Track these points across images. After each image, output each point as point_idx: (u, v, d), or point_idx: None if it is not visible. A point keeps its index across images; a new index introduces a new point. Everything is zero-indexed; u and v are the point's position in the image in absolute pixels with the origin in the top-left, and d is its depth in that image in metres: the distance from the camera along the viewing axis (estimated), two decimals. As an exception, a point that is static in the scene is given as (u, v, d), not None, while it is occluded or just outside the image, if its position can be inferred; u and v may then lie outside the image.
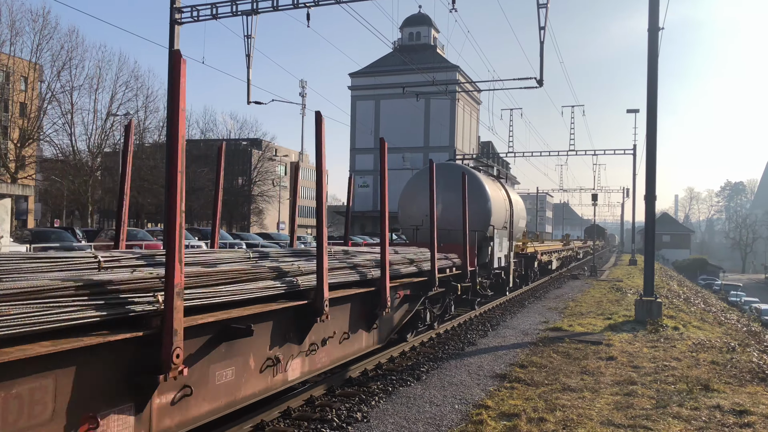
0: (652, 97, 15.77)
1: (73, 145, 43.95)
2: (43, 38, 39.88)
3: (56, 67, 40.91)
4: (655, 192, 16.01)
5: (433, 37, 74.29)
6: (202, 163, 57.41)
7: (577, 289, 24.56)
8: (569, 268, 39.37)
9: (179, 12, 20.45)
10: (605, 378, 8.86)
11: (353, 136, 71.34)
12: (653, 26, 15.75)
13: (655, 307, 15.00)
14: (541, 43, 20.36)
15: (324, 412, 6.83)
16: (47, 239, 24.12)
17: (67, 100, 42.37)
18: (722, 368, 9.71)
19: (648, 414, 7.09)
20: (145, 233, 29.22)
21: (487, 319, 15.04)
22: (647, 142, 16.22)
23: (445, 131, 68.57)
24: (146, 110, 49.10)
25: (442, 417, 6.95)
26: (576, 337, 12.34)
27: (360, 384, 8.16)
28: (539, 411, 7.05)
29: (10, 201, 22.18)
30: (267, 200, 66.97)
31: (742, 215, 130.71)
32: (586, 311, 17.11)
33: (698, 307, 24.65)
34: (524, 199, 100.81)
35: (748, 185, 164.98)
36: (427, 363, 9.65)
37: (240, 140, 70.98)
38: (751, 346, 12.64)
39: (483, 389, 8.19)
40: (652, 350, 11.16)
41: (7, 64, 38.89)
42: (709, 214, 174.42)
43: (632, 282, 29.38)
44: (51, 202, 55.56)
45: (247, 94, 21.75)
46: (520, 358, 10.26)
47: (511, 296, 19.79)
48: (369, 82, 70.20)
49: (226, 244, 29.42)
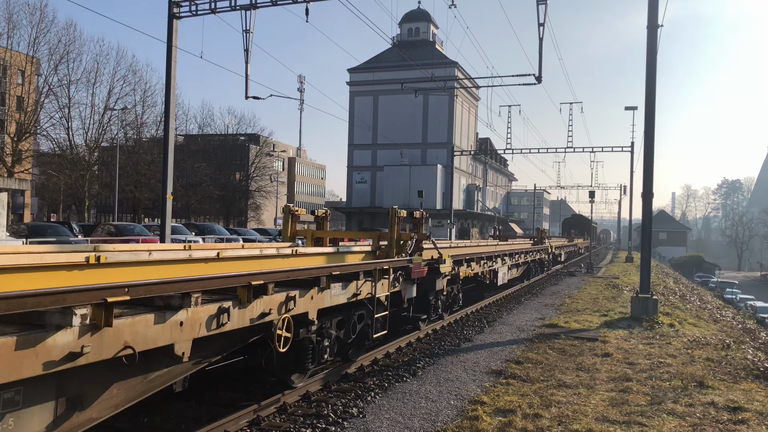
0: (651, 94, 15.79)
1: (70, 139, 43.83)
2: (40, 32, 39.74)
3: (53, 60, 40.77)
4: (653, 189, 16.04)
5: (432, 33, 74.17)
6: (199, 159, 57.33)
7: (574, 286, 24.62)
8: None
9: (177, 6, 20.38)
10: (601, 374, 8.89)
11: (351, 131, 71.29)
12: (652, 23, 15.76)
13: (651, 304, 15.05)
14: (540, 39, 20.37)
15: (320, 407, 6.85)
16: (44, 234, 24.05)
17: (64, 94, 42.26)
18: (717, 365, 9.75)
19: (643, 410, 7.12)
20: (142, 228, 29.18)
21: (484, 315, 15.07)
22: (645, 139, 16.26)
23: (444, 127, 68.54)
24: (144, 104, 48.97)
25: (438, 412, 6.97)
26: (572, 334, 12.38)
27: (356, 379, 8.19)
28: (535, 407, 7.08)
29: (7, 195, 22.14)
30: (264, 195, 66.93)
31: (739, 213, 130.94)
32: (582, 308, 17.16)
33: (694, 305, 24.73)
34: (522, 196, 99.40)
35: (745, 183, 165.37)
36: (423, 359, 9.68)
37: (238, 135, 70.86)
38: (746, 344, 12.71)
39: (479, 385, 8.22)
40: (648, 347, 11.21)
41: (4, 58, 38.73)
42: (706, 211, 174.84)
43: (628, 279, 29.46)
44: (48, 197, 55.43)
45: (245, 89, 21.67)
46: (515, 354, 10.29)
47: (507, 293, 19.92)
48: (367, 78, 70.05)
49: (223, 239, 29.42)
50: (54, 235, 23.96)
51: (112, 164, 45.09)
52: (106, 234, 26.82)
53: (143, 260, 6.05)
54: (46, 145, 47.15)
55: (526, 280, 24.13)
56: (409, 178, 66.43)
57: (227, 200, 62.35)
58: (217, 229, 34.92)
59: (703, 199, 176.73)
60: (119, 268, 5.74)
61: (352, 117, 69.76)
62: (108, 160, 49.19)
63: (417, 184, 62.44)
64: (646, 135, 16.14)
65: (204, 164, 56.48)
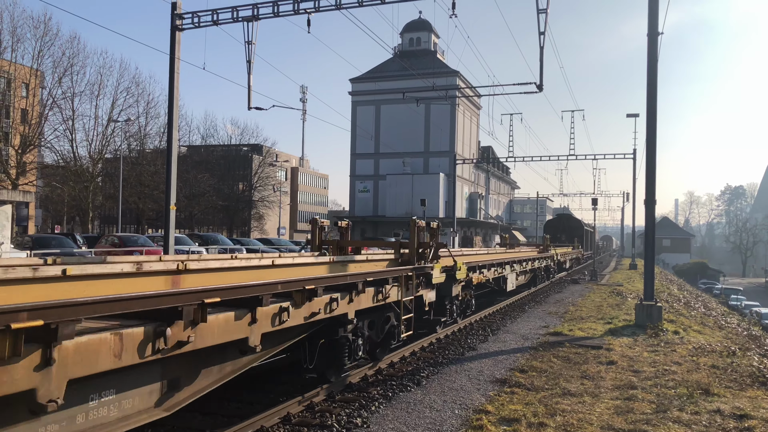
0: (652, 102, 15.83)
1: (74, 151, 44.04)
2: (44, 45, 39.98)
3: (57, 73, 41.04)
4: (655, 196, 16.04)
5: (433, 43, 74.48)
6: (202, 169, 57.51)
7: (578, 294, 24.56)
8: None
9: (180, 18, 20.54)
10: (605, 382, 8.86)
11: (354, 141, 71.46)
12: (652, 31, 15.83)
13: (655, 312, 15.00)
14: (540, 48, 20.43)
15: (324, 417, 6.84)
16: (48, 245, 24.13)
17: (68, 106, 42.49)
18: (723, 372, 9.71)
19: (648, 418, 7.09)
20: (146, 239, 29.23)
21: (488, 323, 15.05)
22: (647, 146, 16.27)
23: (446, 136, 68.68)
24: (147, 116, 49.21)
25: (442, 422, 6.95)
26: (576, 342, 12.35)
27: (360, 389, 8.17)
28: (539, 416, 7.06)
29: (11, 207, 22.24)
30: (267, 205, 67.03)
31: (742, 219, 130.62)
32: (587, 315, 17.11)
33: (698, 312, 24.63)
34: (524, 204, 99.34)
35: (748, 189, 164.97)
36: (427, 368, 9.66)
37: (241, 146, 71.08)
38: (751, 351, 12.64)
39: (483, 394, 8.20)
40: (653, 354, 11.16)
41: (8, 71, 38.99)
42: (710, 218, 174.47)
43: (632, 286, 29.37)
44: (52, 208, 55.66)
45: (247, 99, 21.81)
46: (520, 362, 10.26)
47: (514, 300, 19.95)
48: (369, 88, 70.30)
49: (226, 249, 29.45)
50: (58, 247, 24.03)
51: (116, 176, 45.29)
52: (110, 245, 26.87)
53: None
54: (50, 157, 47.41)
55: (533, 287, 24.30)
56: (411, 186, 66.50)
57: (230, 210, 62.46)
58: (220, 239, 34.99)
59: (706, 205, 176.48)
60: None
61: (355, 126, 69.95)
62: (111, 172, 49.39)
63: (419, 192, 62.49)
64: (648, 142, 16.16)
65: (207, 175, 56.65)
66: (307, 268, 8.64)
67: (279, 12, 20.35)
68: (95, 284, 5.29)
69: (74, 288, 5.06)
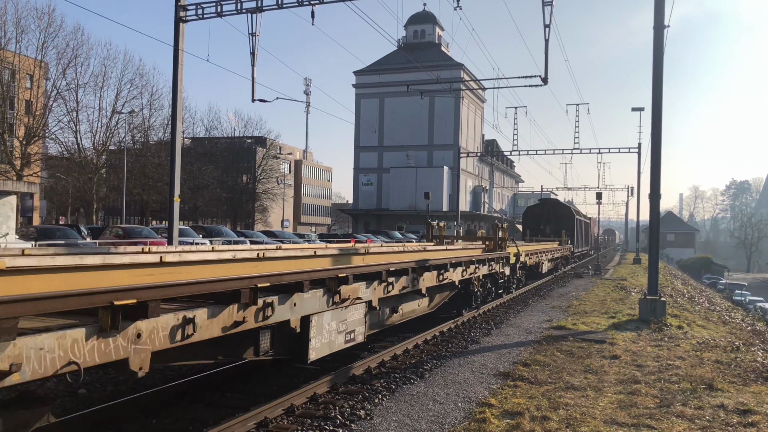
0: (658, 95, 15.74)
1: (78, 142, 44.11)
2: (48, 36, 39.96)
3: (62, 64, 41.02)
4: (660, 191, 15.97)
5: (437, 35, 74.20)
6: (206, 161, 57.55)
7: (581, 288, 24.53)
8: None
9: (184, 10, 20.48)
10: (609, 377, 8.86)
11: (357, 134, 71.38)
12: (658, 24, 15.72)
13: (659, 306, 14.97)
14: (546, 41, 20.31)
15: (327, 409, 6.86)
16: (52, 236, 24.21)
17: (72, 97, 42.53)
18: (726, 367, 9.69)
19: (652, 413, 7.08)
20: (149, 230, 29.29)
21: (491, 317, 15.04)
22: (652, 140, 16.18)
23: (450, 129, 68.52)
24: (151, 108, 49.21)
25: (446, 415, 6.96)
26: (580, 336, 12.34)
27: (363, 382, 8.19)
28: (543, 409, 7.06)
29: (16, 198, 22.31)
30: (271, 198, 67.05)
31: (747, 214, 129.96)
32: (590, 310, 17.09)
33: (702, 306, 24.58)
34: (529, 198, 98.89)
35: (754, 184, 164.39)
36: (431, 361, 9.66)
37: (245, 138, 71.09)
38: (755, 346, 12.61)
39: (486, 387, 8.20)
40: (656, 349, 11.15)
41: (12, 62, 39.00)
42: (714, 212, 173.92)
43: (636, 281, 29.33)
44: (56, 200, 55.78)
45: (251, 91, 21.76)
46: (523, 356, 10.26)
47: (515, 294, 19.94)
48: (373, 80, 70.17)
49: (230, 242, 29.49)
50: (63, 238, 24.11)
51: (120, 167, 45.33)
52: (114, 236, 26.93)
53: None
54: (54, 149, 47.52)
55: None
56: (415, 180, 66.44)
57: (234, 203, 62.53)
58: (224, 231, 35.01)
59: (711, 200, 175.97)
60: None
61: (359, 119, 69.84)
62: (116, 163, 49.47)
63: (423, 185, 62.44)
64: (653, 136, 16.08)
65: (211, 167, 56.69)
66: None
67: (283, 4, 20.26)
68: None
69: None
